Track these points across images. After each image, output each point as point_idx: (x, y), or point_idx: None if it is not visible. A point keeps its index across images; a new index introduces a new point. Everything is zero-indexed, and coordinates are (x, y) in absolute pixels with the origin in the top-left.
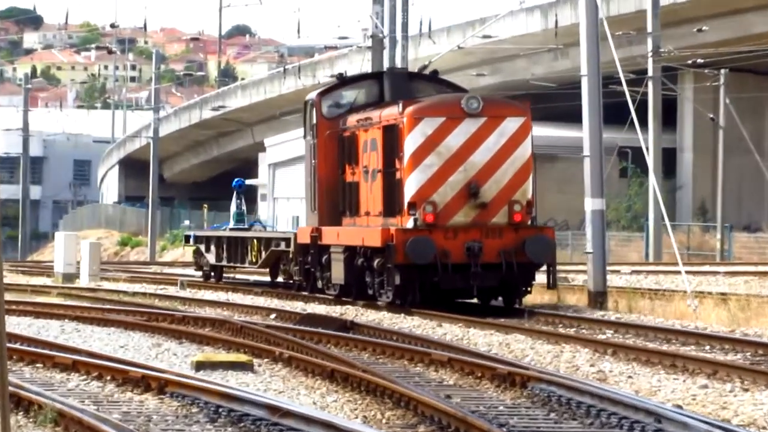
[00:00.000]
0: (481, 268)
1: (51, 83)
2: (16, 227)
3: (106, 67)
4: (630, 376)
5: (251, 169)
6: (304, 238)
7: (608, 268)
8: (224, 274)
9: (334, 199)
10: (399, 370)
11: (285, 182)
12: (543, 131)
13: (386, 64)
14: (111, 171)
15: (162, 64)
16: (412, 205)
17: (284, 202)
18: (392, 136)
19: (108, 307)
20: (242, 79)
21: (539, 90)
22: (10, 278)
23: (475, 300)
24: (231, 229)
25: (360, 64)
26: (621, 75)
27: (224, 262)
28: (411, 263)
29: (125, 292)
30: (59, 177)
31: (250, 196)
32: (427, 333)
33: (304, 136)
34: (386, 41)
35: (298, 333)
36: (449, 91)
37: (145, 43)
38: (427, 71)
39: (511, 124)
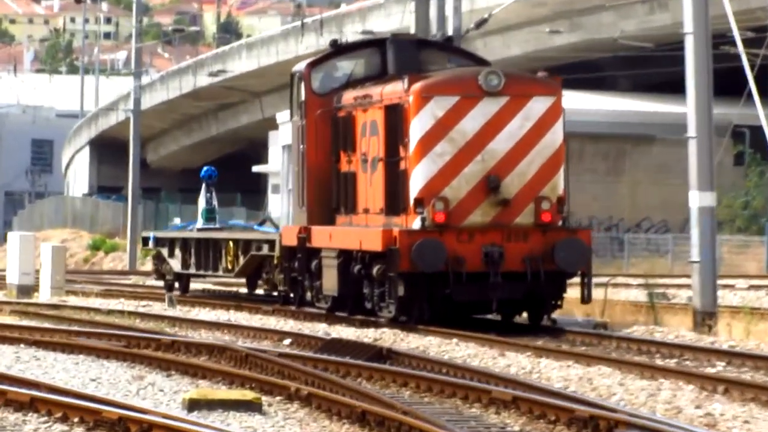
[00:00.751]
0: (501, 277)
1: (2, 40)
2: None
3: (72, 20)
4: (746, 421)
5: (259, 151)
6: (291, 240)
7: (719, 281)
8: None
9: (327, 192)
10: (450, 411)
11: None
12: (635, 105)
13: (434, 18)
14: (79, 154)
15: (145, 16)
16: (420, 202)
17: None
18: (396, 118)
19: (76, 329)
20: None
21: (630, 52)
22: None
23: (494, 315)
24: (199, 230)
25: (399, 17)
26: (736, 33)
27: (192, 270)
28: (418, 271)
29: (98, 310)
30: (12, 161)
31: (260, 186)
32: (486, 364)
33: (291, 116)
34: None
35: (320, 364)
36: (467, 62)
37: None
38: (481, 27)
39: (538, 105)
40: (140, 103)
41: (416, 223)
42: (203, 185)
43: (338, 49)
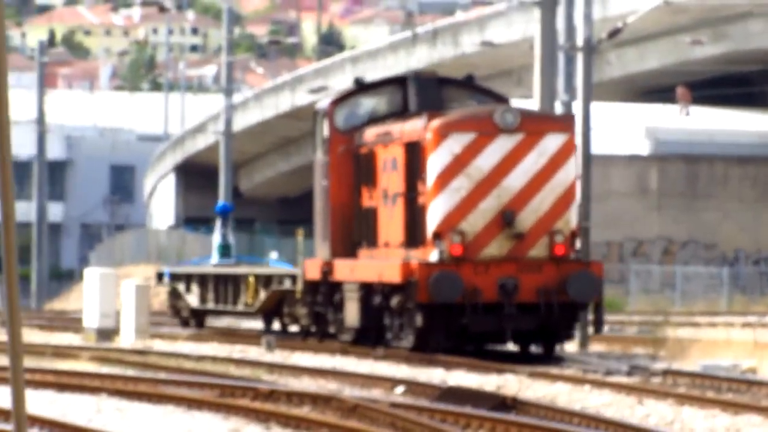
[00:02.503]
0: (516, 308)
1: (77, 54)
2: (28, 262)
3: (155, 32)
4: None
5: None
6: (314, 274)
7: None
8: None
9: (349, 227)
10: None
11: None
12: None
13: (561, 27)
14: (163, 181)
15: (236, 26)
16: (438, 235)
17: None
18: (415, 154)
19: (163, 377)
20: (352, 47)
21: None
22: (23, 336)
23: (510, 346)
24: (215, 265)
25: (522, 27)
26: None
27: (210, 305)
28: (435, 302)
29: (187, 356)
30: (89, 190)
31: None
32: (622, 414)
33: (313, 152)
34: None
35: (437, 414)
36: (486, 99)
37: None
38: (614, 38)
39: (552, 142)
40: (231, 125)
41: (434, 256)
42: (218, 220)
43: (361, 87)
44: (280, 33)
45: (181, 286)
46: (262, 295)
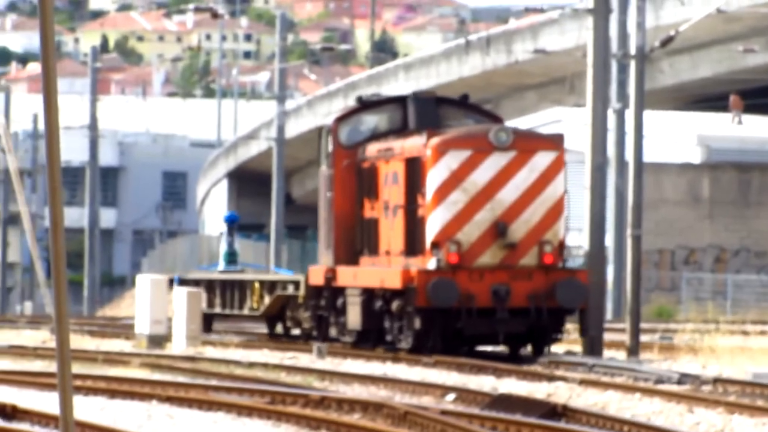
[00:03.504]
0: (508, 313)
1: (129, 60)
2: (80, 268)
3: (208, 38)
4: None
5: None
6: (317, 280)
7: None
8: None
9: (352, 236)
10: None
11: None
12: None
13: (614, 35)
14: (216, 188)
15: (289, 33)
16: (435, 245)
17: None
18: (415, 170)
19: (214, 383)
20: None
21: None
22: (73, 342)
23: (502, 348)
24: (221, 272)
25: (575, 35)
26: None
27: (218, 309)
28: (433, 307)
29: (238, 363)
30: (142, 196)
31: None
32: (672, 422)
33: (319, 165)
34: (614, 2)
35: (487, 422)
36: (481, 118)
37: (266, 2)
38: (667, 46)
39: (542, 159)
40: (284, 131)
41: (432, 264)
42: (225, 229)
43: (363, 105)
44: (333, 40)
45: None
46: (267, 299)
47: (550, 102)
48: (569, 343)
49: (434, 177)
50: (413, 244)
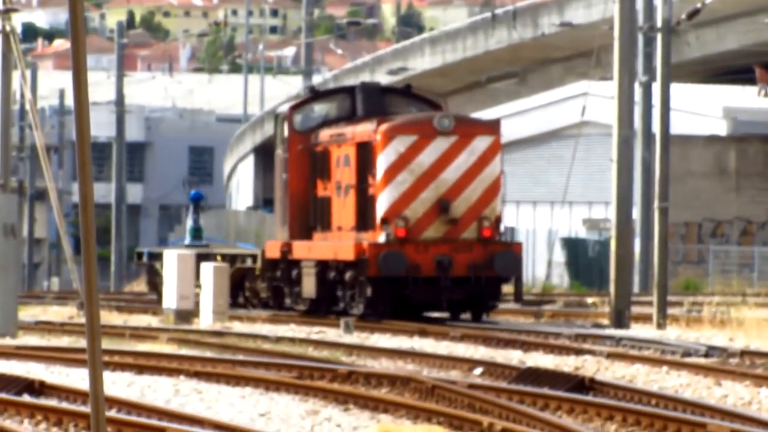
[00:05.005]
0: (450, 281)
1: (156, 36)
2: (107, 244)
3: (234, 13)
4: None
5: None
6: (274, 253)
7: None
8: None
9: (305, 213)
10: None
11: None
12: None
13: (640, 8)
14: (243, 163)
15: (315, 7)
16: (385, 221)
17: None
18: (366, 153)
19: (241, 358)
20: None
21: None
22: (102, 317)
23: (445, 314)
24: (187, 246)
25: (601, 8)
26: None
27: None
28: (383, 276)
29: (266, 338)
30: (168, 171)
31: None
32: (700, 395)
33: (274, 149)
34: None
35: (514, 395)
36: (422, 106)
37: None
38: (693, 19)
39: (481, 143)
40: None
41: (382, 238)
42: (191, 206)
43: (315, 95)
44: (360, 14)
45: (158, 264)
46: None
47: (577, 75)
48: (596, 316)
49: (383, 159)
50: (364, 220)
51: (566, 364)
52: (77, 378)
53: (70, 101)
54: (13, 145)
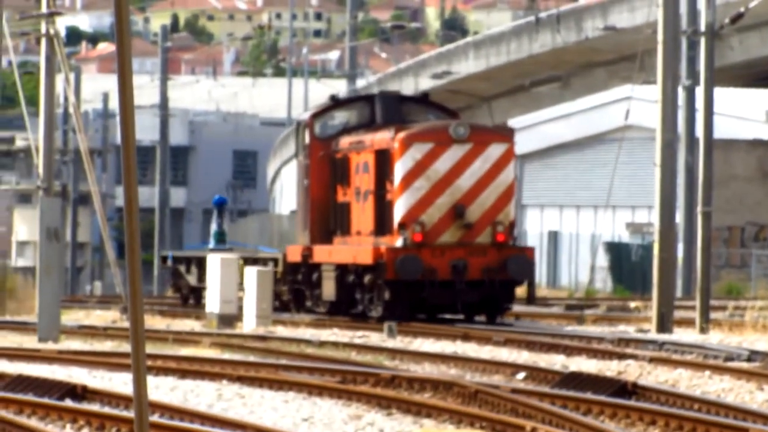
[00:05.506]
0: (465, 284)
1: (200, 40)
2: (151, 248)
3: (278, 16)
4: None
5: None
6: (295, 257)
7: None
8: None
9: (326, 218)
10: None
11: (538, 182)
12: None
13: (684, 12)
14: (287, 167)
15: (359, 11)
16: (402, 225)
17: (536, 211)
18: (384, 160)
19: (284, 363)
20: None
21: None
22: (145, 321)
23: (460, 315)
24: (212, 250)
25: (645, 12)
26: None
27: (206, 284)
28: (400, 280)
29: (309, 342)
30: (212, 175)
31: None
32: (742, 399)
33: (296, 156)
34: None
35: (558, 400)
36: (439, 113)
37: None
38: (737, 23)
39: (495, 151)
40: None
41: (399, 242)
42: (215, 211)
43: (336, 103)
44: (404, 18)
45: (182, 267)
46: None
47: (620, 79)
48: (639, 321)
49: (401, 166)
50: (382, 225)
51: (609, 368)
52: (120, 382)
53: (113, 104)
54: (56, 148)
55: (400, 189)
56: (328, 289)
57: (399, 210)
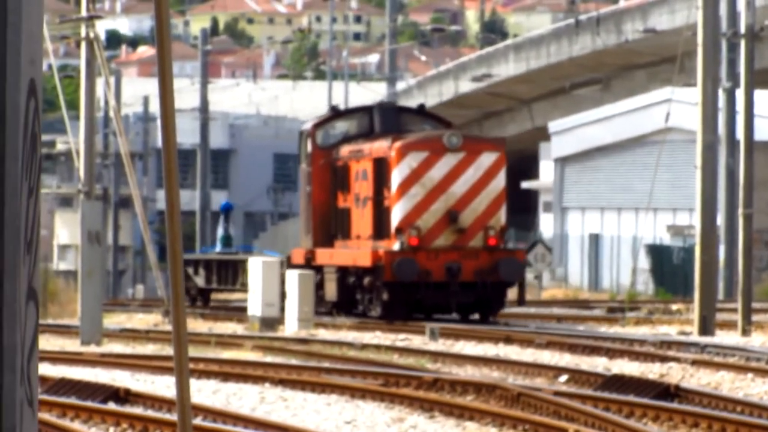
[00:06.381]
0: (459, 286)
1: (240, 43)
2: (191, 251)
3: (318, 20)
4: None
5: (529, 165)
6: (299, 260)
7: None
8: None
9: (327, 223)
10: None
11: (579, 185)
12: None
13: (724, 14)
14: None
15: (399, 14)
16: (399, 230)
17: (577, 214)
18: (382, 168)
19: (327, 366)
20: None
21: None
22: (187, 325)
23: (454, 315)
24: (219, 253)
25: (685, 14)
26: None
27: (214, 285)
28: (397, 281)
29: (351, 345)
30: (253, 179)
31: (530, 204)
32: None
33: (299, 163)
34: None
35: (600, 403)
36: (434, 123)
37: None
38: (763, 28)
39: (487, 159)
40: None
41: (396, 246)
42: (221, 216)
43: (336, 113)
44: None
45: (190, 270)
46: None
47: (660, 82)
48: (681, 323)
49: (398, 174)
50: (380, 230)
51: (651, 371)
52: (162, 386)
53: (154, 108)
54: (97, 152)
55: (397, 195)
56: (330, 290)
57: (396, 215)
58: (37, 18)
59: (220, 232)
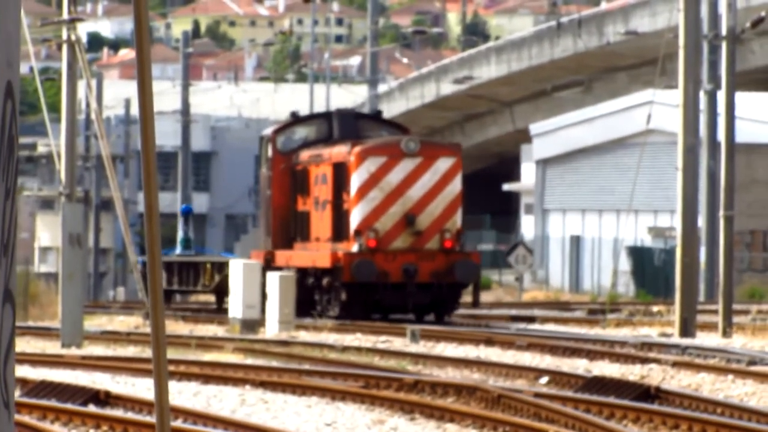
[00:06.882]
0: (416, 287)
1: (221, 46)
2: (172, 252)
3: (300, 22)
4: None
5: (511, 167)
6: (258, 261)
7: None
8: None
9: (286, 225)
10: None
11: (560, 187)
12: None
13: (705, 16)
14: None
15: (381, 16)
16: (358, 232)
17: (559, 216)
18: (341, 172)
19: (307, 368)
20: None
21: None
22: (167, 327)
23: (410, 315)
24: (179, 255)
25: (666, 17)
26: None
27: (176, 287)
28: (356, 282)
29: (332, 347)
30: (234, 181)
31: (512, 206)
32: (765, 403)
33: (259, 168)
34: None
35: (581, 404)
36: (391, 129)
37: None
38: (758, 27)
39: (443, 164)
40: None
41: (355, 248)
42: (181, 219)
43: (296, 119)
44: (425, 23)
45: None
46: (217, 278)
47: (642, 84)
48: (662, 325)
49: (356, 178)
50: (339, 232)
51: (632, 372)
52: (143, 388)
53: (135, 111)
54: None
55: (356, 199)
56: None
57: (355, 218)
58: (14, 20)
59: (180, 234)
